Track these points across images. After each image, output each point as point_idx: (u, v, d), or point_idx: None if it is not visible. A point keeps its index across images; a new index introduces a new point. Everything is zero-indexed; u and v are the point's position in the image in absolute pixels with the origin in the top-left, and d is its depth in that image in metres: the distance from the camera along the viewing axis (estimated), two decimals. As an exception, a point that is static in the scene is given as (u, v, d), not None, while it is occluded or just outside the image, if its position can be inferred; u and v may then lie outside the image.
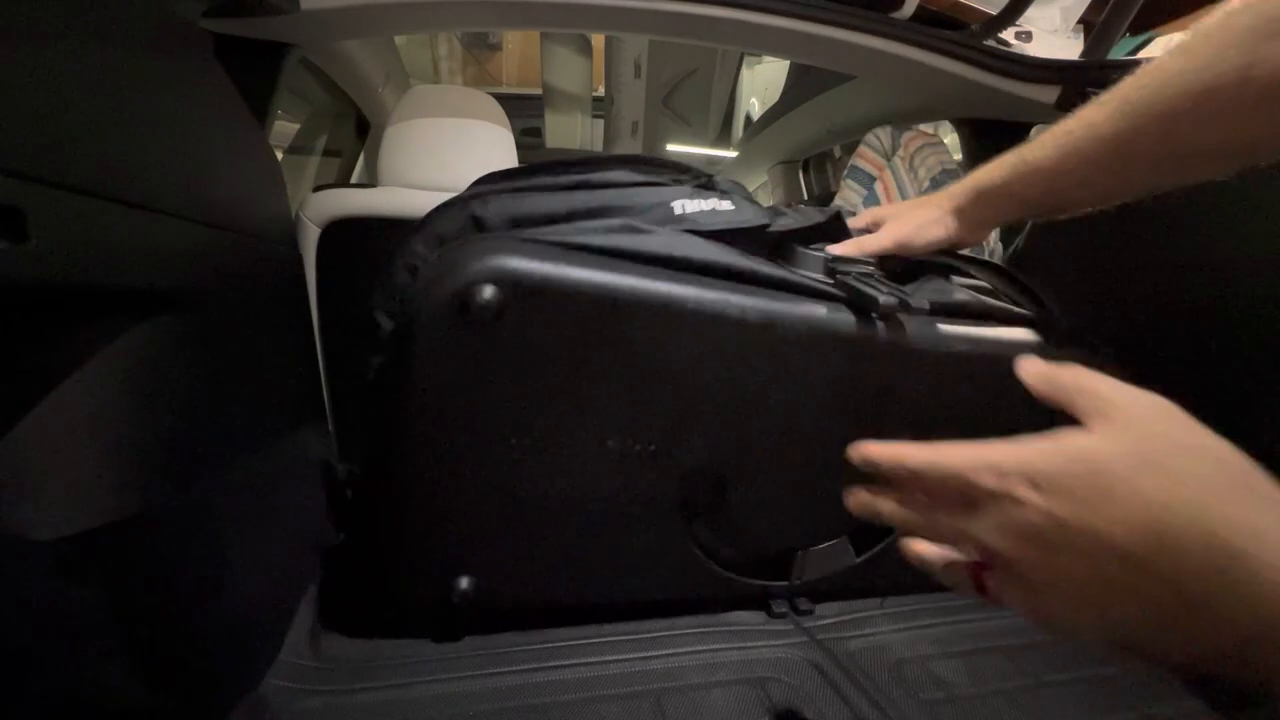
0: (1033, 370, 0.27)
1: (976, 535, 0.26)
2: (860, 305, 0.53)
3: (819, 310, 0.53)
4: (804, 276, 0.55)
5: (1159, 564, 0.21)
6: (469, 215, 0.53)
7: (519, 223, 0.52)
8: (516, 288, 0.45)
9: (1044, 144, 0.49)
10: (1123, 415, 0.24)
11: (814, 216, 0.61)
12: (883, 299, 0.50)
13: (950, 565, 0.30)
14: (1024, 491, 0.24)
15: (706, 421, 0.55)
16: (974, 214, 0.57)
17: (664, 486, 0.57)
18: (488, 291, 0.44)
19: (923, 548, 0.31)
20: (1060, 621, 0.25)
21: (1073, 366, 0.27)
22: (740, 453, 0.58)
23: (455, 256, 0.46)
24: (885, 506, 0.30)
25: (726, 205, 0.56)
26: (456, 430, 0.50)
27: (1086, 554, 0.22)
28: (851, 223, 0.64)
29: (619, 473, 0.55)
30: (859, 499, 0.32)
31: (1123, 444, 0.23)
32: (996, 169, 0.53)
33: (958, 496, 0.26)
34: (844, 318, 0.53)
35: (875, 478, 0.30)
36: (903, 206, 0.64)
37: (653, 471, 0.56)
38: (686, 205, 0.54)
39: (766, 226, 0.56)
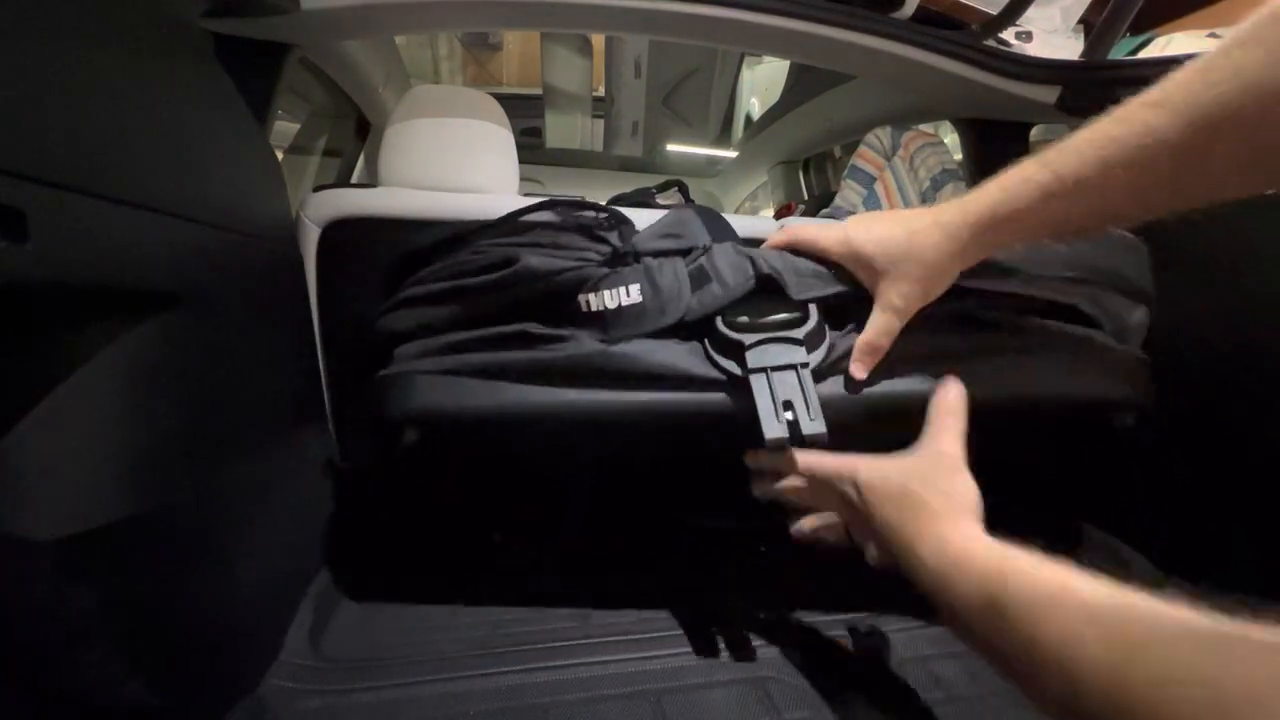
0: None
1: (833, 505, 0.50)
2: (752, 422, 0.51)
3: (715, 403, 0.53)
4: (705, 369, 0.53)
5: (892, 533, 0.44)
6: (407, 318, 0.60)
7: (439, 329, 0.58)
8: (430, 425, 0.58)
9: (1081, 155, 0.40)
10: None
11: (743, 284, 0.54)
12: (770, 434, 0.49)
13: (825, 526, 0.51)
14: (850, 489, 0.47)
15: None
16: (985, 242, 0.47)
17: None
18: (411, 435, 0.58)
19: (806, 522, 0.52)
20: (864, 546, 0.48)
21: None
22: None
23: (380, 396, 0.57)
24: (785, 485, 0.52)
25: (634, 295, 0.53)
26: None
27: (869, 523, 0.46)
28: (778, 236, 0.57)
29: None
30: (763, 488, 0.54)
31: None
32: (1020, 189, 0.43)
33: (826, 484, 0.50)
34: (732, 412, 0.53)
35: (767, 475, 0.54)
36: (872, 226, 0.52)
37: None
38: (591, 300, 0.54)
39: (680, 320, 0.54)
